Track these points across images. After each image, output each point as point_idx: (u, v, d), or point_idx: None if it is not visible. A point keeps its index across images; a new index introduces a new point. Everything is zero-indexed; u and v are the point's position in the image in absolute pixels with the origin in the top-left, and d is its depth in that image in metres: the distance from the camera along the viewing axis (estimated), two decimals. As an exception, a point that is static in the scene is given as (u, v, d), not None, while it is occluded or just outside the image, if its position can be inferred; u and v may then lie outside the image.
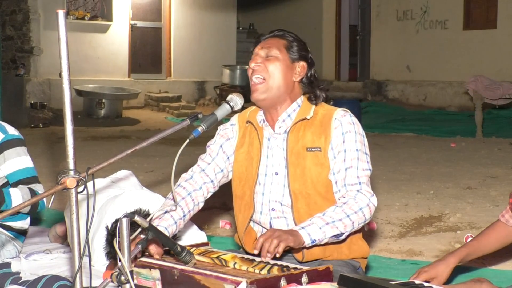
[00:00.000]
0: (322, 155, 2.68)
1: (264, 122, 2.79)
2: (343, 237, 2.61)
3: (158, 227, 2.47)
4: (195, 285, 2.25)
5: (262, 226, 2.80)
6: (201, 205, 2.81)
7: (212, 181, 2.82)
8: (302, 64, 2.74)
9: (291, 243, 2.44)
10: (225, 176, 2.86)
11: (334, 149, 2.68)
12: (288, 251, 2.59)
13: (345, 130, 2.68)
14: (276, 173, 2.74)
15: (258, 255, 2.46)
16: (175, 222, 2.67)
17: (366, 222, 2.65)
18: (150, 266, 2.38)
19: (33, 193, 3.36)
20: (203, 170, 2.82)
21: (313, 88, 2.77)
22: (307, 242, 2.51)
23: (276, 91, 2.70)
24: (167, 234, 2.57)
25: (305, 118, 2.72)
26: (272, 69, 2.69)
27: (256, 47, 2.76)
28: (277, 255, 2.39)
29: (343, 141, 2.67)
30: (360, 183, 2.65)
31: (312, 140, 2.70)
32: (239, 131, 2.84)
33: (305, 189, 2.69)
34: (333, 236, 2.56)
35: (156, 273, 2.34)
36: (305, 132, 2.72)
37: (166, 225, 2.64)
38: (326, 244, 2.62)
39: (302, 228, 2.52)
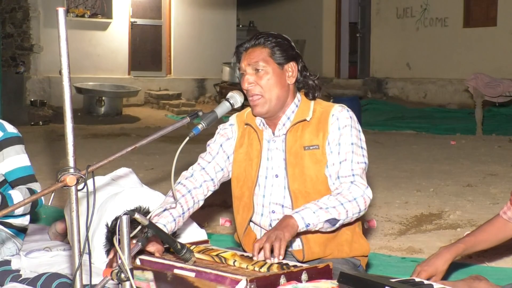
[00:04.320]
0: (320, 152, 2.68)
1: (264, 125, 2.78)
2: (337, 225, 2.59)
3: (157, 224, 2.47)
4: (188, 286, 2.24)
5: (262, 228, 2.79)
6: (201, 203, 2.81)
7: (212, 179, 2.82)
8: (291, 64, 2.71)
9: (288, 238, 2.44)
10: (225, 175, 2.85)
11: (330, 144, 2.68)
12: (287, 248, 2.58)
13: (341, 125, 2.68)
14: (276, 176, 2.74)
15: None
16: (174, 220, 2.67)
17: (361, 213, 2.63)
18: (143, 268, 2.38)
19: (32, 193, 3.36)
20: (204, 168, 2.82)
21: (307, 82, 2.75)
22: (301, 226, 2.49)
23: (276, 101, 2.69)
24: (166, 231, 2.57)
25: (305, 120, 2.71)
26: (265, 84, 2.66)
27: (241, 61, 2.71)
28: (280, 258, 2.39)
29: (339, 135, 2.67)
30: (353, 175, 2.64)
31: (310, 139, 2.70)
32: (238, 131, 2.84)
33: (305, 188, 2.69)
34: (327, 221, 2.54)
35: (149, 275, 2.33)
36: (303, 132, 2.71)
37: (165, 222, 2.63)
38: (323, 232, 2.61)
39: (296, 212, 2.52)
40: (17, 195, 3.36)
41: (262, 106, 2.68)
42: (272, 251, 2.38)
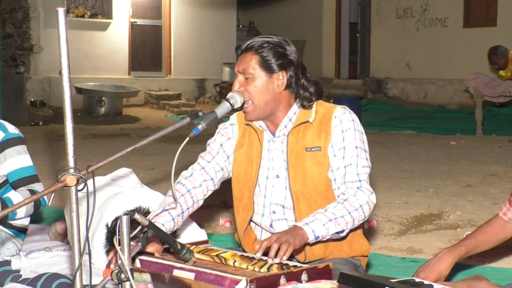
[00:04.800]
0: (322, 154, 2.68)
1: (263, 126, 2.78)
2: (343, 234, 2.61)
3: (155, 223, 2.47)
4: (185, 289, 2.25)
5: (263, 228, 2.80)
6: (201, 202, 2.81)
7: (212, 179, 2.82)
8: (282, 73, 2.68)
9: (297, 245, 2.45)
10: (225, 174, 2.85)
11: (334, 147, 2.68)
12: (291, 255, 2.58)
13: (344, 127, 2.68)
14: (277, 176, 2.74)
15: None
16: (173, 219, 2.67)
17: (365, 219, 2.66)
18: (140, 270, 2.38)
19: (34, 194, 3.36)
20: (203, 168, 2.82)
21: (299, 91, 2.71)
22: (311, 238, 2.51)
23: (264, 106, 2.68)
24: (164, 230, 2.56)
25: (307, 121, 2.71)
26: (252, 90, 2.66)
27: (236, 65, 2.72)
28: (284, 259, 2.39)
29: (342, 138, 2.68)
30: (360, 181, 2.65)
31: (312, 140, 2.70)
32: (239, 131, 2.84)
33: (306, 190, 2.69)
34: (335, 232, 2.56)
35: (147, 276, 2.34)
36: (305, 133, 2.71)
37: (163, 222, 2.63)
38: (328, 240, 2.63)
39: (306, 224, 2.52)
40: (17, 197, 3.36)
41: (252, 113, 2.70)
42: (276, 252, 2.38)
